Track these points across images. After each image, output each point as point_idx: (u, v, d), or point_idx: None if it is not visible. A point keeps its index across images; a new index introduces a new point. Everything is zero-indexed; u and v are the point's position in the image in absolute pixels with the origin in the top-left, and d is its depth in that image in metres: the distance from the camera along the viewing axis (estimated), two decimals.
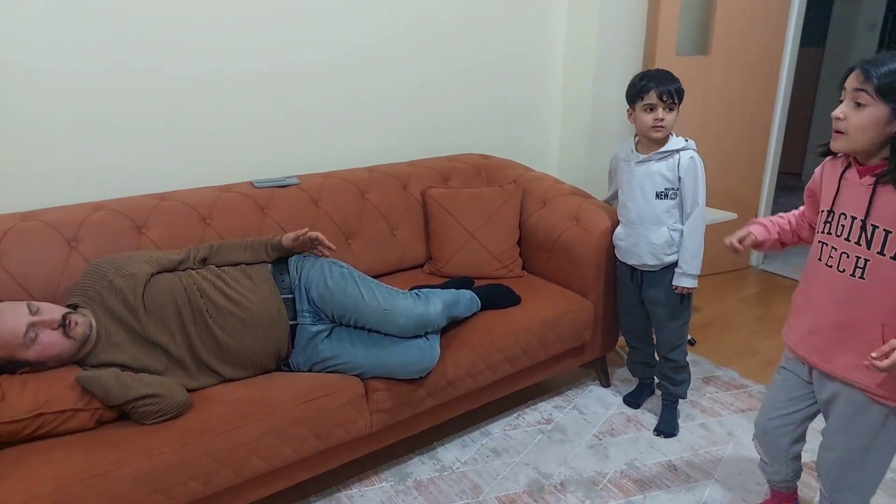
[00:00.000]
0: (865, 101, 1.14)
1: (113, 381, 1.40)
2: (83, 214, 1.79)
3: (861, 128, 1.16)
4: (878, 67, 1.12)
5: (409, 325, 1.69)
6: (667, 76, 1.86)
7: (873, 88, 1.12)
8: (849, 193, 1.25)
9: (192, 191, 2.00)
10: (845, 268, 1.26)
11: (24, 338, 1.40)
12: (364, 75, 2.39)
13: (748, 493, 1.81)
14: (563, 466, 1.93)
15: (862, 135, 1.16)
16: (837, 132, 1.20)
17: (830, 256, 1.29)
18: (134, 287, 1.58)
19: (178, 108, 2.02)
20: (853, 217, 1.24)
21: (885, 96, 1.11)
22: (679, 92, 1.86)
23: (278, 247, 1.79)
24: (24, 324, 1.41)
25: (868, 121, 1.14)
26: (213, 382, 1.62)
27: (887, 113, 1.12)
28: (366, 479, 1.88)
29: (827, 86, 5.19)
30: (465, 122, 2.73)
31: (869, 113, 1.14)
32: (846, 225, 1.25)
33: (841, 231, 1.27)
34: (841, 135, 1.19)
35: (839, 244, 1.27)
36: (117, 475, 1.32)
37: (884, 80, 1.11)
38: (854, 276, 1.25)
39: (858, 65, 1.16)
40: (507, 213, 2.29)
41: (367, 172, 2.32)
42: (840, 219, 1.27)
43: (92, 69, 1.85)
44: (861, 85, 1.14)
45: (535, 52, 2.86)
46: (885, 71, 1.11)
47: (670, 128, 1.87)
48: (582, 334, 2.13)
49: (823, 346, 1.33)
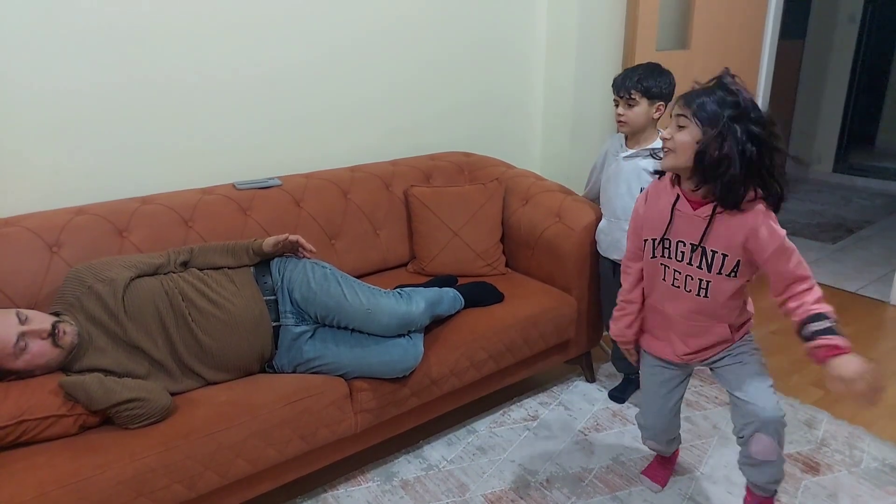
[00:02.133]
0: (684, 124, 1.31)
1: (96, 385, 1.40)
2: (64, 219, 1.78)
3: (683, 146, 1.31)
4: (695, 98, 1.30)
5: (392, 324, 1.70)
6: (632, 71, 1.89)
7: (691, 112, 1.29)
8: (683, 224, 1.40)
9: (173, 193, 1.99)
10: (691, 288, 1.45)
11: (13, 347, 1.40)
12: (343, 75, 2.38)
13: (734, 486, 1.84)
14: (548, 463, 1.95)
15: (685, 152, 1.31)
16: (667, 150, 1.35)
17: (675, 278, 1.47)
18: (114, 291, 1.57)
19: (158, 112, 2.01)
20: (692, 245, 1.40)
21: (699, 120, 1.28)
22: (640, 87, 1.85)
23: (259, 251, 1.79)
24: (15, 333, 1.40)
25: (688, 139, 1.30)
26: (196, 385, 1.62)
27: (699, 134, 1.29)
28: (352, 479, 1.88)
29: (808, 78, 5.24)
30: (447, 120, 2.73)
31: (688, 132, 1.30)
32: (685, 251, 1.42)
33: (682, 257, 1.43)
34: (670, 152, 1.34)
35: (681, 268, 1.44)
36: (101, 480, 1.32)
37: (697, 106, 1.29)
38: (699, 295, 1.44)
39: (682, 96, 1.34)
40: (490, 211, 2.30)
41: (349, 172, 2.32)
42: (678, 245, 1.42)
43: (71, 73, 1.84)
44: (681, 110, 1.32)
45: (516, 47, 2.86)
46: (699, 101, 1.29)
47: (635, 123, 1.90)
48: (566, 330, 2.15)
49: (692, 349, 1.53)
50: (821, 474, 1.88)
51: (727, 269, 1.38)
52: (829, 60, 5.11)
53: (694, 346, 1.52)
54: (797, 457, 1.95)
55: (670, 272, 1.47)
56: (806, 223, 4.27)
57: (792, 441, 2.02)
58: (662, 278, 1.49)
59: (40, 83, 1.80)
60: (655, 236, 1.46)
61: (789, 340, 2.70)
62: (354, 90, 2.43)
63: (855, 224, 4.23)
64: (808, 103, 5.29)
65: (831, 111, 5.20)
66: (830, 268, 3.49)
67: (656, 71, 1.88)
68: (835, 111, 5.19)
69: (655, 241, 1.46)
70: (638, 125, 1.90)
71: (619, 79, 1.91)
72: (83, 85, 1.87)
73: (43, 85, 1.81)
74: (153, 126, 2.02)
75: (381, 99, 2.51)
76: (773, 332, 2.77)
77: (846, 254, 3.70)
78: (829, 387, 1.28)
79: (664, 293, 1.51)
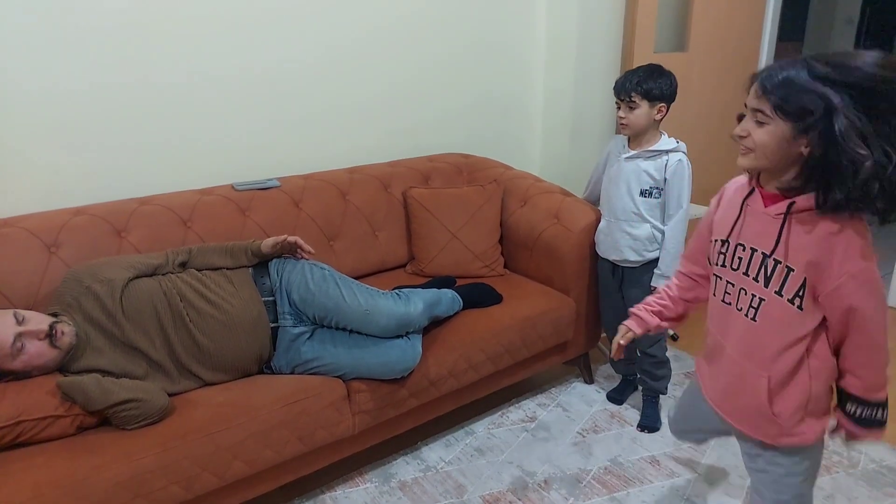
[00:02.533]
0: (764, 120, 1.03)
1: (94, 386, 1.40)
2: (63, 220, 1.78)
3: (764, 147, 1.04)
4: (773, 81, 1.00)
5: (391, 326, 1.70)
6: (632, 74, 1.89)
7: (770, 107, 1.01)
8: (752, 223, 1.13)
9: (172, 194, 1.99)
10: (742, 306, 1.16)
11: (10, 348, 1.40)
12: (342, 76, 2.39)
13: (731, 488, 1.84)
14: (547, 464, 1.95)
15: (766, 154, 1.05)
16: (745, 149, 1.08)
17: (727, 293, 1.19)
18: (111, 292, 1.57)
19: (156, 112, 2.01)
20: (753, 249, 1.12)
21: (785, 114, 1.00)
22: (640, 89, 1.85)
23: (258, 252, 1.79)
24: (12, 334, 1.40)
25: (768, 139, 1.03)
26: (194, 386, 1.62)
27: (789, 130, 1.00)
28: (350, 480, 1.88)
29: None
30: (446, 121, 2.74)
31: (769, 131, 1.02)
32: (744, 258, 1.13)
33: (738, 264, 1.15)
34: (749, 151, 1.07)
35: (736, 279, 1.16)
36: (98, 480, 1.32)
37: (780, 97, 0.99)
38: (748, 316, 1.14)
39: (758, 79, 1.04)
40: (489, 213, 2.30)
41: (348, 173, 2.32)
42: (737, 250, 1.15)
43: (71, 74, 1.84)
44: (758, 103, 1.03)
45: (515, 49, 2.87)
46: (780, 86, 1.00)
47: (636, 125, 1.90)
48: (564, 332, 2.15)
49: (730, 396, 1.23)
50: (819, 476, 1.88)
51: (789, 292, 1.07)
52: None
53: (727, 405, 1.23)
54: None
55: (722, 285, 1.19)
56: None
57: None
58: (713, 293, 1.23)
59: (40, 83, 1.80)
60: (722, 236, 1.18)
61: None
62: (353, 91, 2.43)
63: None
64: None
65: None
66: None
67: (657, 72, 1.88)
68: None
69: (722, 242, 1.18)
70: (639, 127, 1.90)
71: (619, 82, 1.91)
72: (82, 85, 1.87)
73: (43, 85, 1.81)
74: (152, 127, 2.02)
75: (380, 100, 2.51)
76: None
77: None
78: (829, 436, 1.19)
79: (713, 312, 1.25)
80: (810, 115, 0.96)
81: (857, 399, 1.11)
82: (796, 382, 1.13)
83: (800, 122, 0.98)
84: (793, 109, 0.98)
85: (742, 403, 1.20)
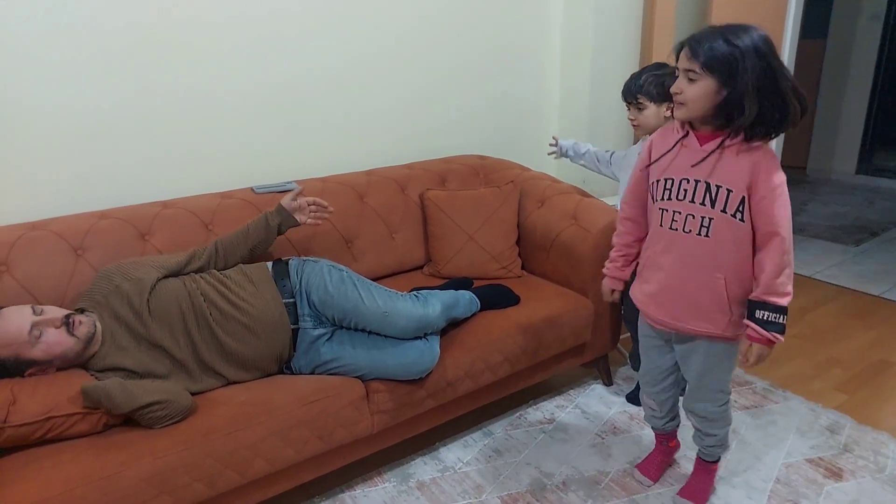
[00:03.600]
0: (695, 77, 1.31)
1: (118, 390, 1.42)
2: (89, 223, 1.82)
3: (696, 98, 1.32)
4: (702, 45, 1.29)
5: (409, 327, 1.71)
6: (636, 76, 1.91)
7: (700, 65, 1.29)
8: (689, 159, 1.40)
9: (193, 198, 2.03)
10: (691, 228, 1.41)
11: (29, 335, 1.44)
12: (359, 81, 2.41)
13: (753, 491, 1.82)
14: (565, 466, 1.94)
15: (698, 104, 1.33)
16: (678, 103, 1.37)
17: (674, 220, 1.44)
18: (140, 291, 1.61)
19: (179, 117, 2.06)
20: (697, 180, 1.38)
21: (710, 70, 1.29)
22: (644, 91, 1.86)
23: (280, 210, 1.86)
24: (29, 323, 1.46)
25: (700, 92, 1.31)
26: (216, 385, 1.65)
27: (714, 84, 1.30)
28: (369, 479, 1.90)
29: (830, 78, 5.17)
30: (462, 123, 2.75)
31: (700, 86, 1.31)
32: (689, 189, 1.40)
33: (684, 195, 1.41)
34: (682, 105, 1.36)
35: (683, 207, 1.42)
36: (124, 477, 1.36)
37: (708, 56, 1.28)
38: (700, 234, 1.40)
39: (686, 42, 1.33)
40: (505, 214, 2.31)
41: (365, 176, 2.34)
42: (682, 183, 1.41)
43: (94, 84, 1.89)
44: (689, 64, 1.31)
45: (531, 50, 2.87)
46: (707, 48, 1.28)
47: (647, 126, 1.91)
48: (582, 333, 2.14)
49: (676, 307, 1.49)
50: (843, 480, 1.85)
51: (732, 207, 1.36)
52: (851, 60, 5.03)
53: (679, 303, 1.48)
54: (819, 462, 1.93)
55: (669, 215, 1.44)
56: (828, 225, 4.20)
57: (814, 446, 2.00)
58: (660, 224, 1.47)
59: (66, 93, 1.85)
60: (665, 175, 1.44)
61: (809, 344, 2.66)
62: (371, 97, 2.45)
63: (878, 226, 4.15)
64: (830, 103, 5.21)
65: (854, 111, 5.11)
66: (853, 270, 3.43)
67: (661, 72, 1.88)
68: (858, 111, 5.10)
69: (666, 180, 1.44)
70: (651, 127, 1.91)
71: (626, 85, 1.94)
72: (107, 95, 1.92)
73: (69, 95, 1.86)
74: (174, 132, 2.06)
75: (397, 105, 2.53)
76: (793, 335, 2.73)
77: (869, 256, 3.64)
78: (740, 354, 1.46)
79: (660, 239, 1.49)
80: (730, 70, 1.27)
81: (764, 304, 1.37)
82: (741, 280, 1.42)
83: (722, 76, 1.28)
84: (717, 66, 1.28)
85: (695, 305, 1.46)
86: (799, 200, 4.70)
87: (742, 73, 1.26)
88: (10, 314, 1.47)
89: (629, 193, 1.61)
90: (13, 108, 1.79)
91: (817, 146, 5.35)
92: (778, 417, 2.16)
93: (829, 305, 3.03)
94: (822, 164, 5.38)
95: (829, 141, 5.29)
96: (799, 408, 2.21)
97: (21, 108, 1.80)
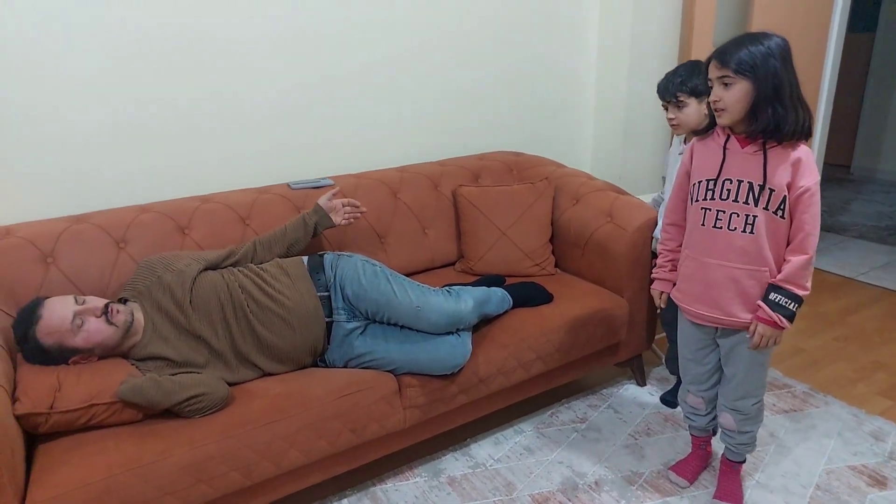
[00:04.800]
0: (730, 82, 1.40)
1: (154, 389, 1.45)
2: (130, 217, 1.87)
3: (735, 102, 1.41)
4: (731, 53, 1.39)
5: (441, 322, 1.71)
6: (673, 75, 1.87)
7: (732, 70, 1.39)
8: (734, 162, 1.49)
9: (231, 193, 2.07)
10: (736, 226, 1.48)
11: (71, 324, 1.49)
12: (396, 80, 2.42)
13: (791, 496, 1.77)
14: (597, 465, 1.92)
15: (738, 107, 1.42)
16: (719, 111, 1.45)
17: (718, 219, 1.51)
18: (182, 282, 1.65)
19: (217, 115, 2.10)
20: (740, 181, 1.47)
21: (743, 72, 1.38)
22: (686, 88, 1.83)
23: (317, 209, 1.92)
24: (71, 312, 1.50)
25: (738, 95, 1.40)
26: (252, 377, 1.68)
27: (750, 86, 1.39)
28: (400, 474, 1.91)
29: (878, 73, 4.98)
30: (498, 121, 2.74)
31: (737, 89, 1.40)
32: (732, 189, 1.48)
33: (727, 195, 1.49)
34: (723, 112, 1.44)
35: (727, 206, 1.49)
36: (164, 465, 1.39)
37: (738, 61, 1.39)
38: (745, 231, 1.48)
39: (712, 56, 1.44)
40: (539, 211, 2.29)
41: (398, 172, 2.35)
42: (725, 184, 1.49)
43: (136, 86, 1.94)
44: (721, 71, 1.41)
45: (567, 48, 2.84)
46: (736, 55, 1.39)
47: (688, 124, 1.87)
48: (616, 332, 2.11)
49: (724, 301, 1.54)
50: (888, 489, 1.79)
51: (774, 205, 1.44)
52: None
53: (727, 300, 1.53)
54: (862, 469, 1.87)
55: (712, 214, 1.52)
56: (873, 225, 4.05)
57: (857, 453, 1.93)
58: (702, 223, 1.53)
59: (107, 87, 1.90)
60: (710, 176, 1.52)
61: (852, 347, 2.58)
62: (409, 94, 2.46)
63: None
64: (877, 99, 5.02)
65: None
66: None
67: (697, 68, 1.85)
68: None
69: (708, 181, 1.52)
70: (691, 125, 1.87)
71: (661, 84, 1.90)
72: (150, 95, 1.97)
73: (114, 95, 1.91)
74: (212, 128, 2.10)
75: (434, 105, 2.53)
76: (835, 338, 2.64)
77: None
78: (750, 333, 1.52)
79: (703, 238, 1.54)
80: (761, 70, 1.37)
81: (780, 288, 1.45)
82: None
83: (753, 76, 1.37)
84: (748, 67, 1.37)
85: (744, 297, 1.51)
86: (842, 199, 4.55)
87: (770, 71, 1.36)
88: (54, 304, 1.52)
89: (674, 199, 1.67)
90: (56, 103, 1.84)
91: (862, 143, 5.17)
92: (819, 422, 2.09)
93: (873, 308, 2.93)
94: (868, 161, 5.19)
95: (875, 138, 5.10)
96: (841, 413, 2.14)
97: (64, 103, 1.85)
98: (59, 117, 1.85)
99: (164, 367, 1.58)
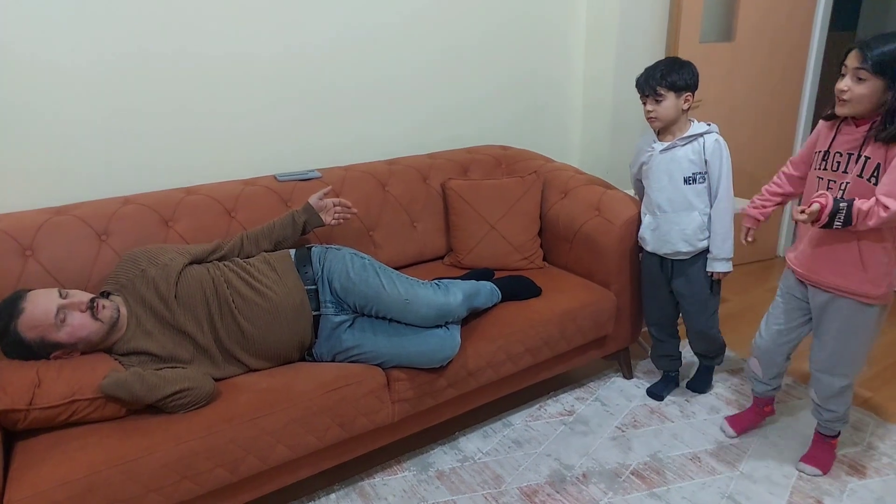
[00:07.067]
0: (864, 77, 1.43)
1: (138, 384, 1.42)
2: (113, 208, 1.83)
3: (861, 97, 1.46)
4: (873, 49, 1.41)
5: (430, 315, 1.70)
6: (653, 69, 1.89)
7: (870, 67, 1.41)
8: (843, 138, 1.57)
9: (217, 185, 2.04)
10: (835, 194, 1.56)
11: (55, 318, 1.45)
12: (385, 73, 2.39)
13: (775, 486, 1.79)
14: (585, 458, 1.93)
15: (862, 103, 1.47)
16: (842, 100, 1.50)
17: (829, 187, 1.59)
18: (167, 276, 1.62)
19: (201, 105, 2.06)
20: (849, 153, 1.55)
21: (879, 73, 1.41)
22: (665, 82, 1.85)
23: (307, 208, 1.89)
24: (55, 306, 1.47)
25: (867, 91, 1.44)
26: (238, 372, 1.66)
27: (882, 85, 1.42)
28: (388, 468, 1.90)
29: None
30: (485, 109, 2.72)
31: (867, 86, 1.44)
32: (842, 161, 1.57)
33: (837, 167, 1.58)
34: (846, 102, 1.49)
35: (831, 175, 1.59)
36: (148, 461, 1.37)
37: (878, 60, 1.41)
38: None
39: (857, 46, 1.44)
40: (528, 204, 2.29)
41: (387, 165, 2.33)
42: (835, 156, 1.59)
43: (121, 69, 1.89)
44: (860, 64, 1.42)
45: (555, 40, 2.84)
46: (878, 52, 1.40)
47: (666, 118, 1.90)
48: (604, 326, 2.12)
49: (817, 262, 1.64)
50: (868, 477, 1.82)
51: (867, 173, 1.50)
52: None
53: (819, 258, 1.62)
54: (843, 459, 1.90)
55: (824, 182, 1.62)
56: None
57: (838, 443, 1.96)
58: (816, 189, 1.62)
59: (90, 77, 1.86)
60: (822, 148, 1.62)
61: None
62: (393, 80, 2.43)
63: None
64: None
65: None
66: None
67: (677, 64, 1.89)
68: None
69: (819, 153, 1.63)
70: (669, 119, 1.91)
71: (641, 79, 1.92)
72: (132, 82, 1.92)
73: (92, 80, 1.86)
74: (197, 119, 2.06)
75: (419, 86, 2.50)
76: None
77: None
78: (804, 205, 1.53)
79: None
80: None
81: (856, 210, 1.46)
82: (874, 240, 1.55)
83: (889, 77, 1.40)
84: (886, 69, 1.39)
85: (833, 261, 1.60)
86: None
87: None
88: (37, 297, 1.49)
89: (799, 157, 1.77)
90: (35, 93, 1.80)
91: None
92: (801, 413, 2.12)
93: None
94: None
95: None
96: None
97: (43, 93, 1.81)
98: (40, 108, 1.80)
99: (148, 362, 1.55)
